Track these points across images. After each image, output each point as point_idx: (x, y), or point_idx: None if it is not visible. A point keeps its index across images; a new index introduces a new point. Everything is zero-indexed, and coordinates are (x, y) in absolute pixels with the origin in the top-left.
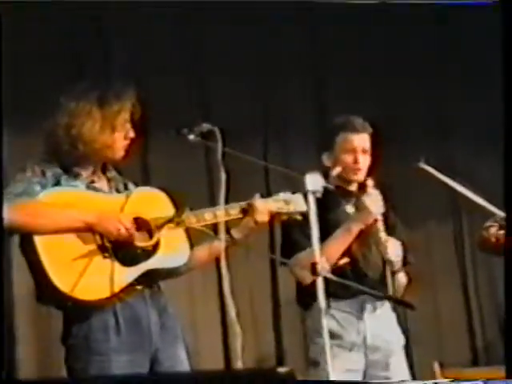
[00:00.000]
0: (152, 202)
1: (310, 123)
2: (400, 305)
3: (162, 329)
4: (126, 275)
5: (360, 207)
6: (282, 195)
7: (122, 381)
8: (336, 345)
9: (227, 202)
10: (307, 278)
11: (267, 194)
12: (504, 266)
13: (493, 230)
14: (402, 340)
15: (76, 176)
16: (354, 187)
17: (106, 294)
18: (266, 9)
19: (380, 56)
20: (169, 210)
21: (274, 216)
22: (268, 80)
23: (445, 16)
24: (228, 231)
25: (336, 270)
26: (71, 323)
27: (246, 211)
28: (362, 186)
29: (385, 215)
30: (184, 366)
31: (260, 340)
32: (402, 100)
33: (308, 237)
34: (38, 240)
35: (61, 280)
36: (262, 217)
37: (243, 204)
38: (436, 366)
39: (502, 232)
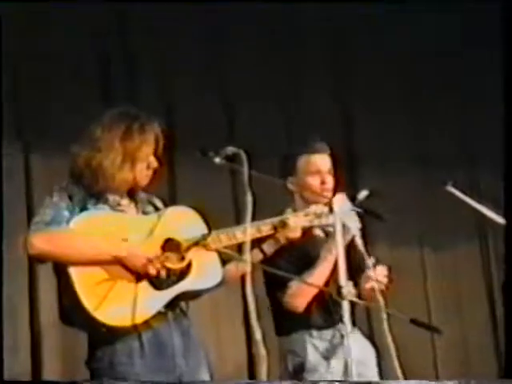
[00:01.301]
0: (184, 221)
1: (335, 144)
2: (426, 329)
3: (186, 352)
4: (158, 299)
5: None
6: (314, 208)
7: None
8: (318, 377)
9: None
10: (300, 306)
11: None
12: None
13: None
14: (374, 358)
15: (103, 201)
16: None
17: (140, 319)
18: (290, 34)
19: (406, 78)
20: (202, 228)
21: (305, 231)
22: (293, 101)
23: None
24: (259, 245)
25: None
26: (96, 346)
27: (281, 229)
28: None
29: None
30: None
31: None
32: (431, 124)
33: (293, 265)
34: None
35: (93, 305)
36: (295, 233)
37: (275, 221)
38: None
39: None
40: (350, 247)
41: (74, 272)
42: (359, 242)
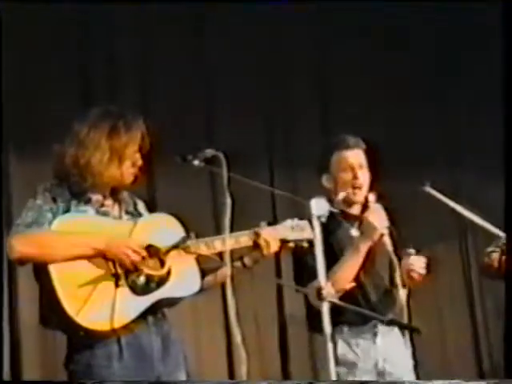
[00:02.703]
0: (161, 227)
1: (315, 147)
2: (406, 329)
3: (165, 355)
4: (137, 305)
5: (364, 225)
6: (290, 222)
7: None
8: (348, 372)
9: (232, 227)
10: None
11: (273, 218)
12: (505, 280)
13: (495, 256)
14: (410, 363)
15: (86, 201)
16: (357, 209)
17: (118, 324)
18: (271, 34)
19: (388, 78)
20: (180, 234)
21: (281, 244)
22: (273, 104)
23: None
24: (241, 258)
25: (345, 295)
26: (74, 349)
27: (257, 241)
28: (365, 206)
29: (390, 230)
30: None
31: (266, 365)
32: (409, 123)
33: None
34: (53, 266)
35: (73, 308)
36: (273, 247)
37: (252, 233)
38: None
39: (504, 257)
40: (378, 246)
41: (54, 275)
42: (387, 241)
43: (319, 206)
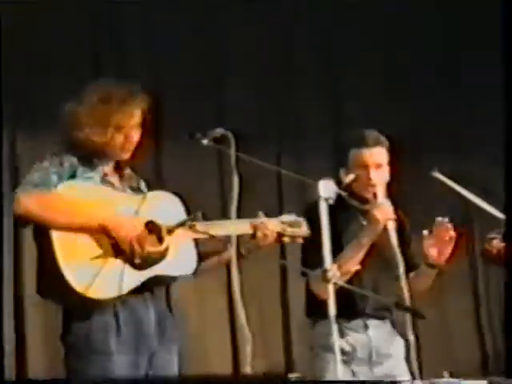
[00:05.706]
0: (166, 206)
1: (324, 128)
2: (409, 313)
3: (160, 332)
4: (135, 278)
5: (370, 219)
6: (287, 217)
7: None
8: (343, 361)
9: (239, 207)
10: (323, 294)
11: (279, 199)
12: (505, 271)
13: (495, 242)
14: (403, 352)
15: (92, 167)
16: (367, 205)
17: (113, 294)
18: (285, 15)
19: (398, 68)
20: (182, 215)
21: (278, 237)
22: (282, 84)
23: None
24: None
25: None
26: (71, 321)
27: (255, 233)
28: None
29: (397, 223)
30: (173, 370)
31: (269, 346)
32: (418, 110)
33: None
34: (54, 233)
35: (72, 276)
36: (270, 239)
37: (254, 222)
38: (446, 376)
39: (503, 244)
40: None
41: (57, 243)
42: (393, 233)
43: (327, 188)
